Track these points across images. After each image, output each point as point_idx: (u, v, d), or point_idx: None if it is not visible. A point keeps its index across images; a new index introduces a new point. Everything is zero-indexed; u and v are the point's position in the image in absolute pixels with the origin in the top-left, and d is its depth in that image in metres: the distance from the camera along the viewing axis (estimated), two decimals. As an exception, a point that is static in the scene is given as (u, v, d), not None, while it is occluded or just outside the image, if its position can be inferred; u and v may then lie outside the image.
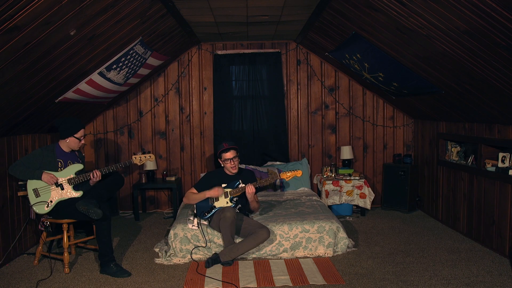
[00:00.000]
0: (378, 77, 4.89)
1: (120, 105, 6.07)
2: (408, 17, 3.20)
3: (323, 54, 5.67)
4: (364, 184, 5.55)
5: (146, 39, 4.32)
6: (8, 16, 2.48)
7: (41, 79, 3.53)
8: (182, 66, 6.09)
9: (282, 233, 4.08)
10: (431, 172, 5.50)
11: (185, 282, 3.49)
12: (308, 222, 4.14)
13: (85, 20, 3.15)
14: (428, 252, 4.12)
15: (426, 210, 5.68)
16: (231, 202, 4.08)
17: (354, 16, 3.85)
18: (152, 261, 4.05)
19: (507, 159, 3.95)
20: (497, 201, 4.03)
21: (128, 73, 4.66)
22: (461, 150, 4.94)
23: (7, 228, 4.07)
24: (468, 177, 4.56)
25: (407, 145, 6.17)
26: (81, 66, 3.87)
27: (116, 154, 6.10)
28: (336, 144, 6.18)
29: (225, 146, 4.14)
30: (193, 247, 4.03)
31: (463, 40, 3.02)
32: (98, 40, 3.62)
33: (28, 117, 4.08)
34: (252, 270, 3.72)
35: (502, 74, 3.10)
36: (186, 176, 6.18)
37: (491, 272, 3.59)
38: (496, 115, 3.86)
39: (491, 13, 2.49)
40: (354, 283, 3.43)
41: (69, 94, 4.16)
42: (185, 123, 6.14)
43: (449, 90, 4.09)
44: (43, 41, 3.00)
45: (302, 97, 6.15)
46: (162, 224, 5.45)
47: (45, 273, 3.76)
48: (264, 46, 6.09)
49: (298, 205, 4.80)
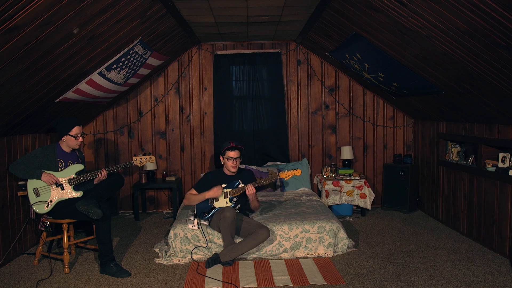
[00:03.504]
0: (378, 77, 4.89)
1: (120, 105, 6.07)
2: (408, 17, 3.20)
3: (323, 54, 5.67)
4: (364, 184, 5.54)
5: (146, 39, 4.32)
6: (8, 16, 2.48)
7: (41, 79, 3.53)
8: (182, 66, 6.09)
9: (283, 233, 4.08)
10: (431, 172, 5.49)
11: (185, 282, 3.49)
12: (309, 222, 4.14)
13: (85, 20, 3.15)
14: (428, 252, 4.12)
15: (426, 210, 5.67)
16: (230, 202, 4.08)
17: (354, 16, 3.85)
18: (152, 261, 4.05)
19: (507, 159, 3.94)
20: (497, 201, 4.03)
21: (128, 73, 4.66)
22: (461, 150, 4.94)
23: (7, 228, 4.07)
24: (468, 177, 4.56)
25: (407, 145, 6.16)
26: (81, 66, 3.87)
27: (116, 154, 6.10)
28: (336, 144, 6.18)
29: (231, 145, 4.14)
30: (194, 247, 4.03)
31: (463, 40, 3.02)
32: (98, 40, 3.62)
33: (28, 117, 4.08)
34: (252, 270, 3.72)
35: (502, 74, 3.10)
36: (186, 176, 6.18)
37: (491, 272, 3.59)
38: (496, 115, 3.85)
39: (491, 13, 2.49)
40: (354, 283, 3.42)
41: (69, 94, 4.16)
42: (185, 123, 6.14)
43: (449, 90, 4.09)
44: (43, 41, 3.00)
45: (302, 97, 6.14)
46: (162, 224, 5.45)
47: (45, 273, 3.76)
48: (264, 46, 6.09)
49: (298, 205, 4.80)
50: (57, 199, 3.74)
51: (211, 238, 4.05)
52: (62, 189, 3.76)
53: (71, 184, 3.78)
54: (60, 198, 3.75)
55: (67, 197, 3.77)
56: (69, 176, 3.79)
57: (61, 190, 3.76)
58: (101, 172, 3.84)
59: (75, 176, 3.80)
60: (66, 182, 3.78)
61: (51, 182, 3.70)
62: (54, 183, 3.72)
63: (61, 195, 3.76)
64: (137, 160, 4.08)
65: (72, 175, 3.80)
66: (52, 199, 3.74)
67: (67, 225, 3.87)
